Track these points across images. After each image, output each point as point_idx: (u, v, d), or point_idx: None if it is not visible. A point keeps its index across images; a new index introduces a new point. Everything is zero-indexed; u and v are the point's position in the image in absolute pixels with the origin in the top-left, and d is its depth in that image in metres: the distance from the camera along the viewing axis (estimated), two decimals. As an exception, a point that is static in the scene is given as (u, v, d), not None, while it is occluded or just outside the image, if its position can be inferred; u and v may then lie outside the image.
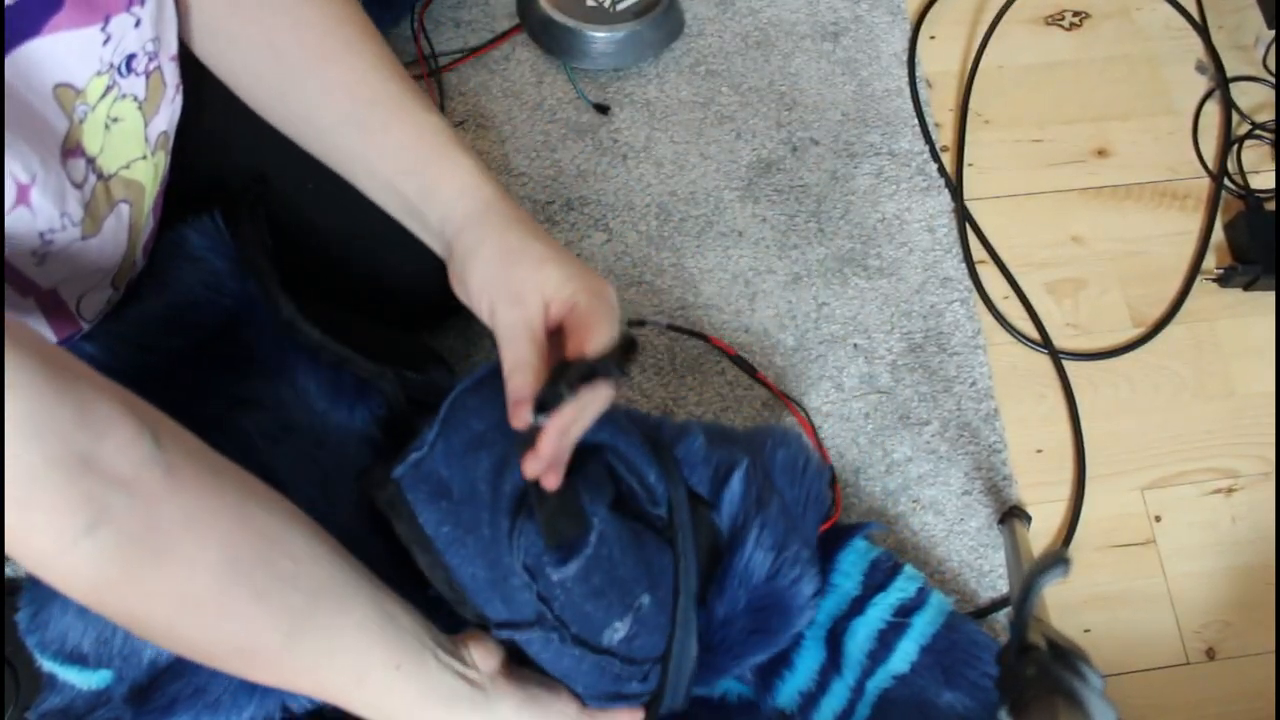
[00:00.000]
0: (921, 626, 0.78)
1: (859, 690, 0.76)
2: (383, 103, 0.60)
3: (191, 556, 0.46)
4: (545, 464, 0.56)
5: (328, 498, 0.63)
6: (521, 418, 0.55)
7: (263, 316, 0.68)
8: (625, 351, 0.58)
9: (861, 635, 0.77)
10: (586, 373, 0.56)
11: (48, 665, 0.63)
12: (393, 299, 0.80)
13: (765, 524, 0.70)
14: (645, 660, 0.64)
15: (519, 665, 0.62)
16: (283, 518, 0.51)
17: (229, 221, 0.69)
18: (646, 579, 0.63)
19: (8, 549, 0.43)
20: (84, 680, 0.64)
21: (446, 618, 0.61)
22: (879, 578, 0.80)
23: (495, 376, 0.60)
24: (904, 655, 0.77)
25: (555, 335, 0.58)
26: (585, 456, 0.63)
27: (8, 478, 0.40)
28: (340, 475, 0.64)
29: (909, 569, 0.81)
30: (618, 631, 0.62)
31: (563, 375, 0.55)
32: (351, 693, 0.53)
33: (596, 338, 0.56)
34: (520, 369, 0.56)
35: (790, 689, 0.76)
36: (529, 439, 0.56)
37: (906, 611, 0.79)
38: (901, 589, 0.79)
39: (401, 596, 0.56)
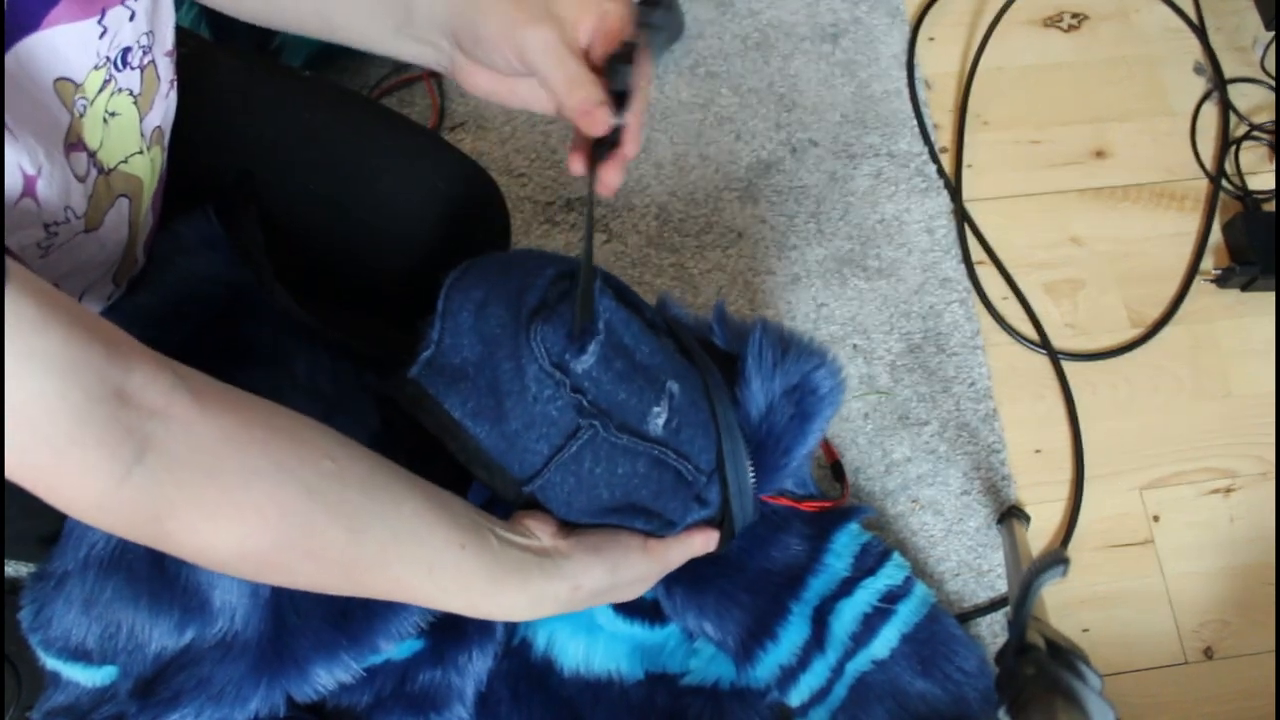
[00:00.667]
0: (905, 615, 0.79)
1: (838, 671, 0.77)
2: None
3: (240, 467, 0.47)
4: (627, 162, 0.56)
5: None
6: (602, 119, 0.54)
7: (260, 307, 0.69)
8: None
9: (847, 617, 0.78)
10: (632, 44, 0.54)
11: (52, 663, 0.64)
12: (383, 297, 0.80)
13: (765, 327, 0.72)
14: (696, 461, 0.64)
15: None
16: (309, 423, 0.52)
17: (221, 216, 0.69)
18: (670, 368, 0.64)
19: (60, 501, 0.44)
20: (88, 677, 0.64)
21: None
22: (869, 562, 0.81)
23: (476, 261, 0.61)
24: (885, 641, 0.78)
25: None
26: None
27: (55, 421, 0.41)
28: None
29: (897, 556, 0.82)
30: (659, 416, 0.62)
31: (617, 59, 0.54)
32: (426, 585, 0.54)
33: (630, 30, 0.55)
34: (579, 83, 0.53)
35: (771, 661, 0.76)
36: (610, 142, 0.55)
37: (893, 598, 0.80)
38: (890, 576, 0.81)
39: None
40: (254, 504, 0.48)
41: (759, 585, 0.78)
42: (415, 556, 0.53)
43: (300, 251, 0.74)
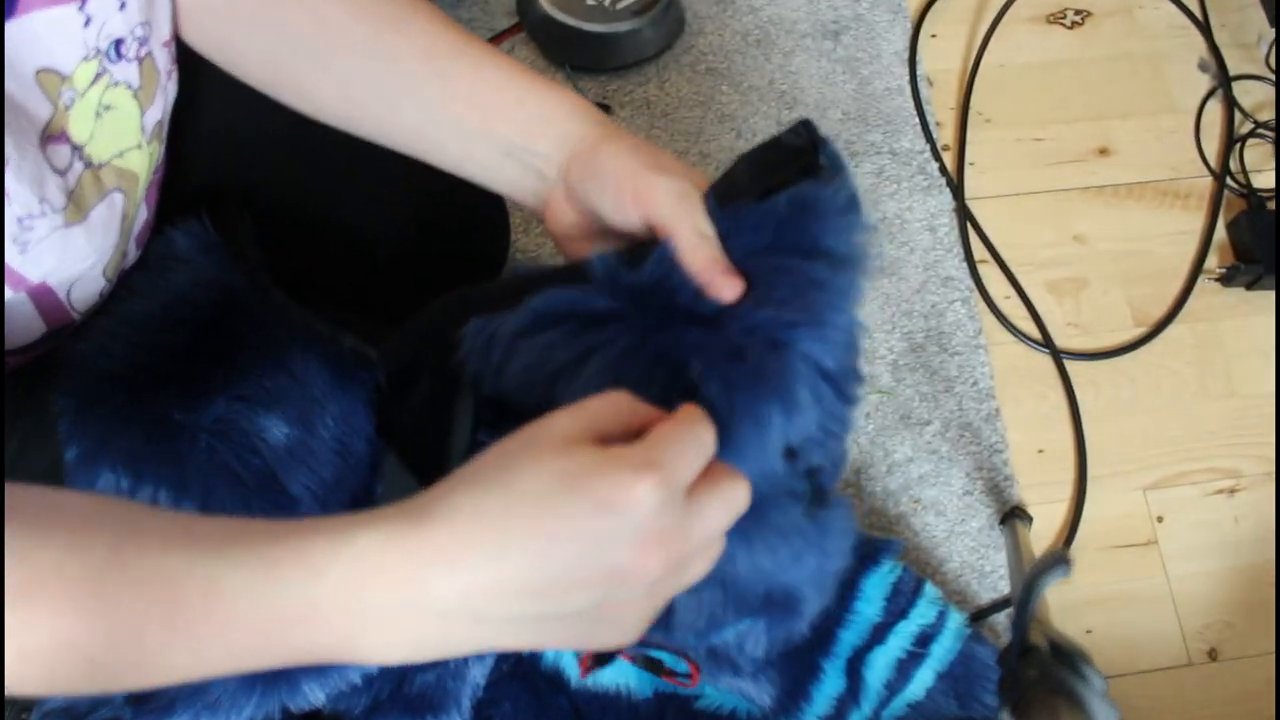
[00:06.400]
0: (940, 655, 0.79)
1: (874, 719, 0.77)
2: (465, 51, 0.57)
3: None
4: None
5: (320, 500, 0.63)
6: (728, 286, 0.50)
7: (256, 309, 0.69)
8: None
9: (880, 665, 0.78)
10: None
11: (48, 666, 0.63)
12: (379, 294, 0.80)
13: None
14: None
15: None
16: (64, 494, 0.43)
17: (215, 221, 0.69)
18: None
19: None
20: (85, 680, 0.64)
21: None
22: (901, 603, 0.80)
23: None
24: (921, 683, 0.78)
25: None
26: None
27: None
28: (339, 477, 0.64)
29: (929, 589, 0.82)
30: None
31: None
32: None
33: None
34: (708, 238, 0.50)
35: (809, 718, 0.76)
36: None
37: (925, 640, 0.79)
38: (922, 615, 0.80)
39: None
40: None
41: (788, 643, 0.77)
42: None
43: (293, 249, 0.74)
